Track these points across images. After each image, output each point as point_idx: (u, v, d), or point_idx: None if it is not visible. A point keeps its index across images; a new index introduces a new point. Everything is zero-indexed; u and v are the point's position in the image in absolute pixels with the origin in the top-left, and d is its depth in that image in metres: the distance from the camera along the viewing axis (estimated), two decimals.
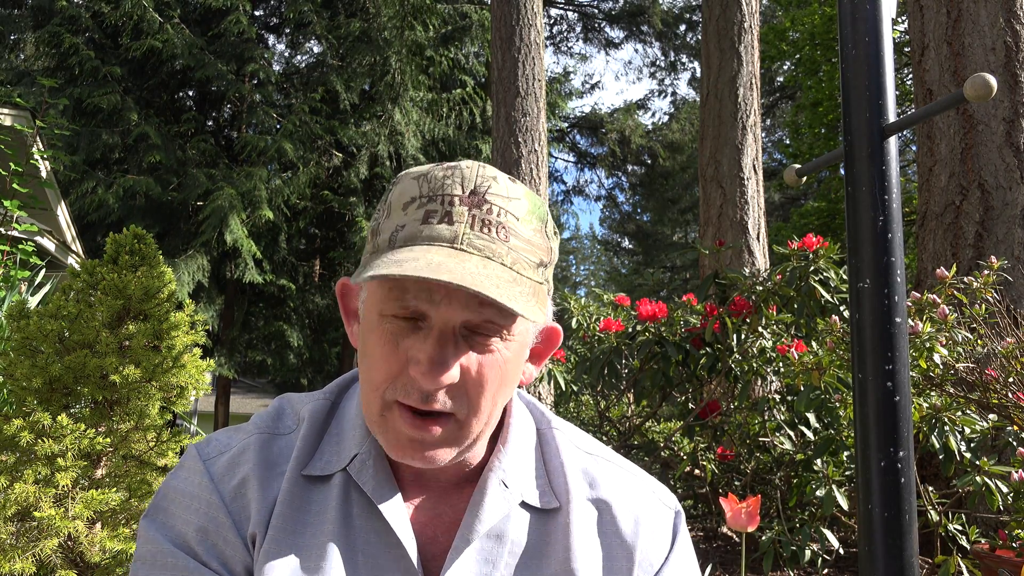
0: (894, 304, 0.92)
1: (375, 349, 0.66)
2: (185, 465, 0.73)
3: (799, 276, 3.33)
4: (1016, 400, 2.43)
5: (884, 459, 0.90)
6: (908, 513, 0.89)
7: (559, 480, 0.76)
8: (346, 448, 0.72)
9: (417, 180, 0.67)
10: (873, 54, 0.98)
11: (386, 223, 0.67)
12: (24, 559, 1.84)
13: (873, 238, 0.95)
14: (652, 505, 0.78)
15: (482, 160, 8.85)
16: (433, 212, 0.65)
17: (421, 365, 0.63)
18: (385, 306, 0.65)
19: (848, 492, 2.73)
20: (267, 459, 0.72)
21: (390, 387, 0.65)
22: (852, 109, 0.99)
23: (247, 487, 0.70)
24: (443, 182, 0.66)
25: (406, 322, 0.65)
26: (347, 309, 0.76)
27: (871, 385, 0.93)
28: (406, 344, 0.64)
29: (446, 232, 0.64)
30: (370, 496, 0.69)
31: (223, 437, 0.75)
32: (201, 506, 0.69)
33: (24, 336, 2.14)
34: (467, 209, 0.65)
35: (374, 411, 0.67)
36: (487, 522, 0.70)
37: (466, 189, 0.66)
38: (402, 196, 0.67)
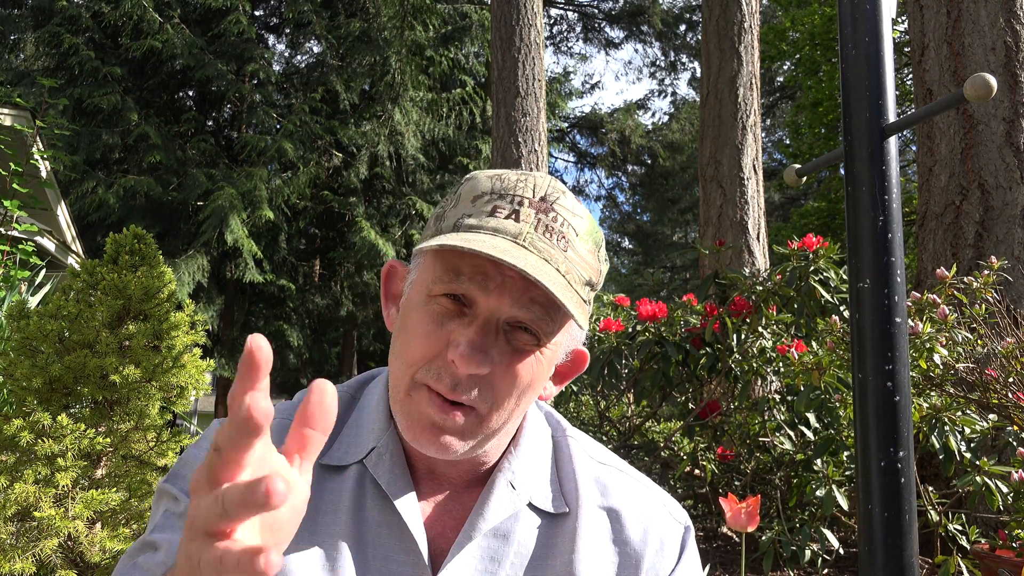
0: (894, 304, 0.92)
1: (417, 327, 0.66)
2: (207, 436, 0.73)
3: (799, 276, 3.33)
4: (1016, 400, 2.43)
5: (884, 459, 0.90)
6: (908, 513, 0.89)
7: (570, 487, 0.77)
8: (364, 441, 0.73)
9: (491, 179, 0.69)
10: (873, 54, 0.98)
11: (452, 211, 0.69)
12: (24, 559, 1.84)
13: (873, 238, 0.95)
14: (662, 517, 0.78)
15: (482, 160, 9.00)
16: (501, 208, 0.66)
17: (460, 348, 0.63)
18: (436, 285, 0.66)
19: (848, 492, 2.73)
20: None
21: (423, 367, 0.66)
22: (852, 109, 0.99)
23: None
24: (516, 184, 0.68)
25: (453, 306, 0.66)
26: (389, 292, 0.77)
27: (871, 385, 0.93)
28: (450, 327, 0.65)
29: (511, 227, 0.65)
30: (385, 489, 0.70)
31: None
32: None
33: (24, 336, 2.14)
34: (534, 212, 0.67)
35: (401, 389, 0.68)
36: (491, 520, 0.71)
37: (536, 194, 0.68)
38: (473, 190, 0.69)
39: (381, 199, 13.46)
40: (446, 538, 0.72)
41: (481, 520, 0.71)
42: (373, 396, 0.77)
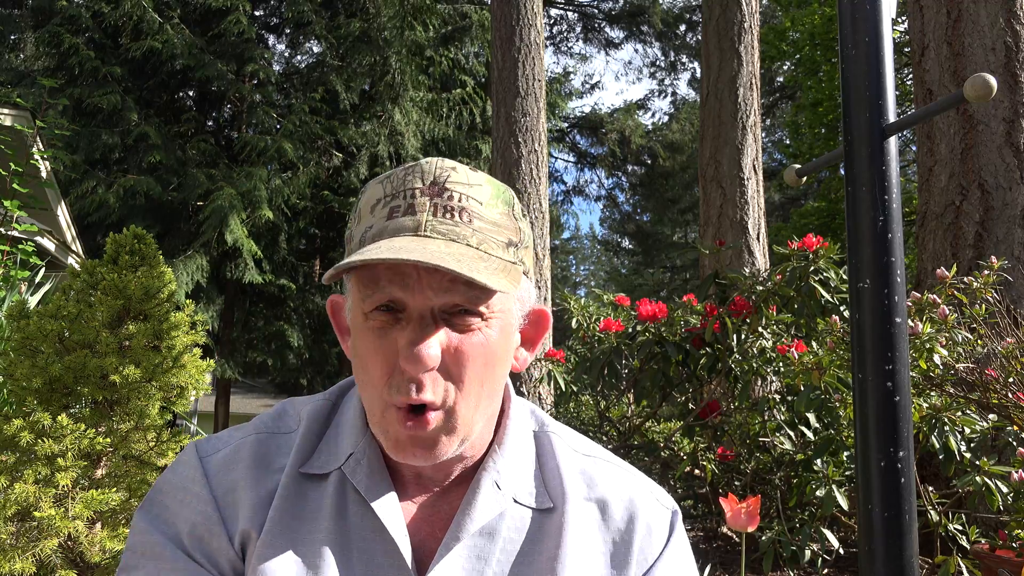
0: (894, 304, 0.92)
1: (366, 349, 0.67)
2: (182, 460, 0.74)
3: (799, 276, 3.33)
4: (1016, 400, 2.43)
5: (884, 459, 0.90)
6: (908, 513, 0.89)
7: (555, 482, 0.77)
8: (342, 447, 0.74)
9: (382, 183, 0.70)
10: (873, 54, 0.98)
11: (357, 228, 0.69)
12: (24, 559, 1.84)
13: (873, 238, 0.95)
14: (649, 503, 0.79)
15: (482, 160, 9.00)
16: (397, 207, 0.67)
17: (403, 350, 0.64)
18: (365, 303, 0.66)
19: (848, 492, 2.73)
20: (262, 457, 0.73)
21: (386, 386, 0.66)
22: (852, 109, 0.99)
23: (239, 485, 0.71)
24: (404, 179, 0.68)
25: (388, 316, 0.66)
26: (340, 326, 0.77)
27: (871, 385, 0.93)
28: (390, 339, 0.66)
29: (409, 222, 0.66)
30: (363, 494, 0.70)
31: (224, 435, 0.76)
32: (192, 501, 0.70)
33: (24, 336, 2.14)
34: (428, 199, 0.67)
35: (376, 412, 0.68)
36: (478, 520, 0.71)
37: (426, 181, 0.68)
38: (369, 200, 0.69)
39: None
40: (435, 539, 0.72)
41: (468, 521, 0.71)
42: (351, 404, 0.78)
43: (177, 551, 0.68)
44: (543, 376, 4.05)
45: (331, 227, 13.81)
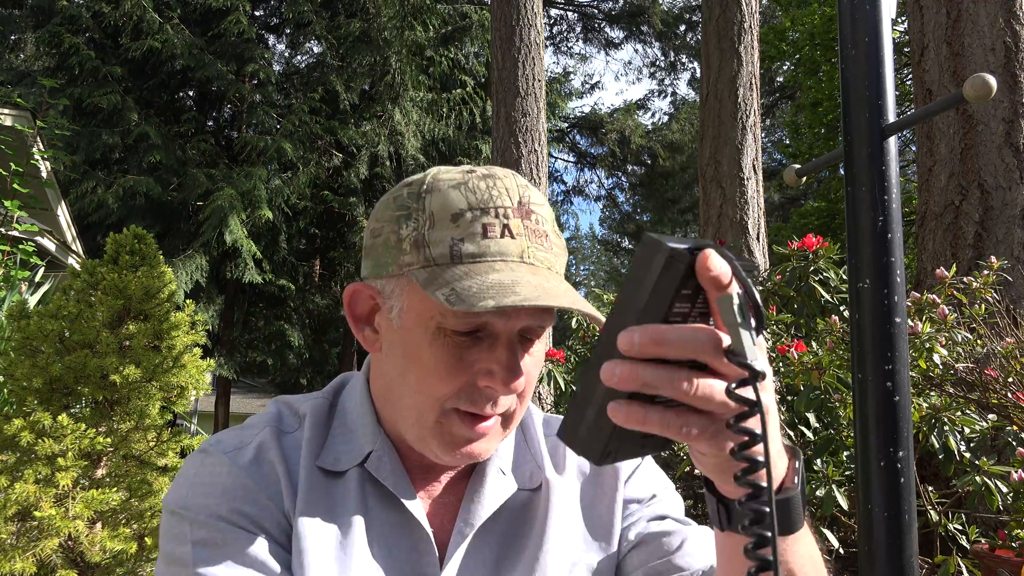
0: (894, 304, 0.92)
1: (436, 364, 0.66)
2: (209, 461, 0.72)
3: (799, 276, 3.32)
4: (1016, 400, 2.43)
5: (884, 459, 0.90)
6: (908, 513, 0.89)
7: (538, 452, 0.80)
8: (358, 445, 0.74)
9: (459, 190, 0.66)
10: (873, 54, 0.98)
11: (434, 234, 0.66)
12: (24, 559, 1.84)
13: (873, 238, 0.95)
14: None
15: (482, 160, 8.99)
16: (491, 225, 0.65)
17: (497, 376, 0.65)
18: (449, 321, 0.65)
19: (848, 492, 2.73)
20: (283, 451, 0.73)
21: (454, 395, 0.66)
22: (852, 109, 0.99)
23: (277, 474, 0.70)
24: (489, 193, 0.66)
25: (467, 335, 0.65)
26: (358, 316, 0.75)
27: (871, 385, 0.93)
28: (472, 358, 0.66)
29: (512, 247, 0.65)
30: (392, 490, 0.71)
31: (232, 435, 0.75)
32: (238, 491, 0.69)
33: (24, 336, 2.14)
34: (520, 221, 0.66)
35: (428, 419, 0.68)
36: (488, 507, 0.73)
37: (513, 199, 0.67)
38: (447, 206, 0.66)
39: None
40: (444, 529, 0.74)
41: (479, 508, 0.73)
42: (353, 401, 0.78)
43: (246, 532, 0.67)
44: (543, 376, 4.06)
45: (331, 227, 13.81)
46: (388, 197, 0.72)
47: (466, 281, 0.62)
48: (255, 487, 0.69)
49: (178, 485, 0.71)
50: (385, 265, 0.68)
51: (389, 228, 0.69)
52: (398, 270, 0.67)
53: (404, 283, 0.68)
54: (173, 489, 0.71)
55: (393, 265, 0.68)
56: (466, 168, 0.70)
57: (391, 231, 0.68)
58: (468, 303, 0.59)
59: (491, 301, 0.59)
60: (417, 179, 0.70)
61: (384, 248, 0.69)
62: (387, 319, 0.70)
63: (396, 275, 0.68)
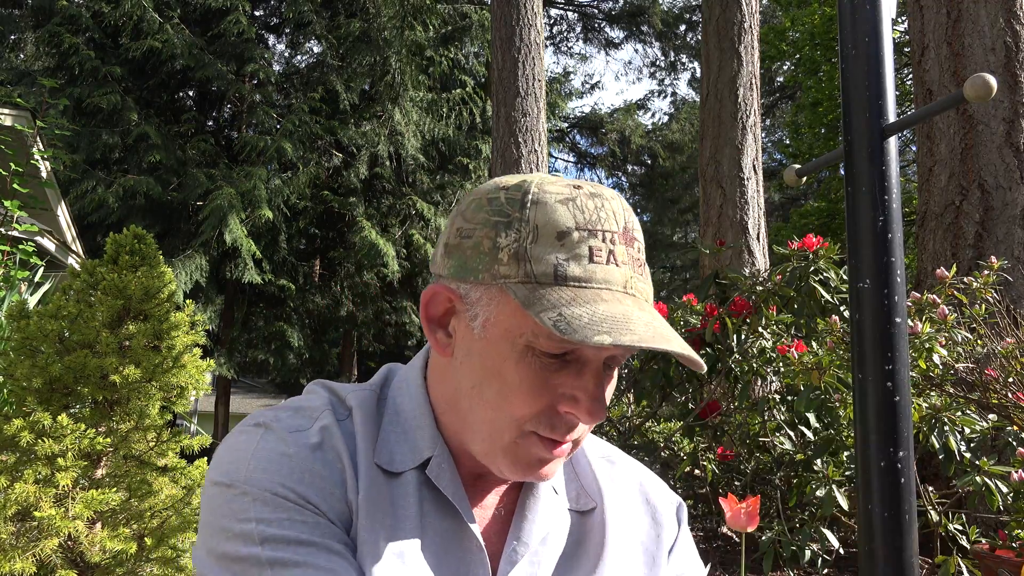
0: (894, 304, 0.92)
1: (519, 383, 0.64)
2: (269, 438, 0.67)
3: (799, 276, 3.33)
4: (1016, 400, 2.43)
5: (884, 459, 0.90)
6: (908, 513, 0.89)
7: (589, 480, 0.79)
8: (416, 448, 0.71)
9: (567, 207, 0.64)
10: (873, 54, 0.98)
11: (538, 250, 0.63)
12: (24, 559, 1.84)
13: (873, 238, 0.95)
14: (667, 494, 0.83)
15: (482, 160, 8.97)
16: (598, 250, 0.63)
17: (581, 404, 0.63)
18: (541, 342, 0.62)
19: (848, 492, 2.73)
20: (346, 438, 0.70)
21: (532, 420, 0.65)
22: (852, 109, 0.99)
23: (343, 461, 0.68)
24: (597, 214, 0.64)
25: (555, 359, 0.64)
26: (434, 319, 0.71)
27: (871, 385, 0.93)
28: (556, 381, 0.64)
29: (617, 275, 0.63)
30: (451, 499, 0.69)
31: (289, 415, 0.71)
32: (305, 475, 0.65)
33: (24, 336, 2.14)
34: (625, 248, 0.64)
35: (504, 439, 0.66)
36: (541, 525, 0.72)
37: (619, 223, 0.65)
38: (553, 222, 0.63)
39: (381, 199, 13.46)
40: (491, 541, 0.72)
41: (531, 525, 0.71)
42: (406, 398, 0.74)
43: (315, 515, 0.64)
44: None
45: (331, 227, 13.81)
46: (480, 197, 0.68)
47: (575, 308, 0.59)
48: (322, 473, 0.66)
49: (233, 458, 0.66)
50: (474, 270, 0.65)
51: (483, 232, 0.65)
52: (491, 279, 0.64)
53: (495, 294, 0.64)
54: (226, 462, 0.67)
55: (485, 273, 0.64)
56: (572, 182, 0.67)
57: (485, 236, 0.65)
58: (581, 334, 0.57)
59: (607, 337, 0.57)
60: (516, 184, 0.67)
61: (475, 252, 0.65)
62: (467, 326, 0.67)
63: (487, 284, 0.64)
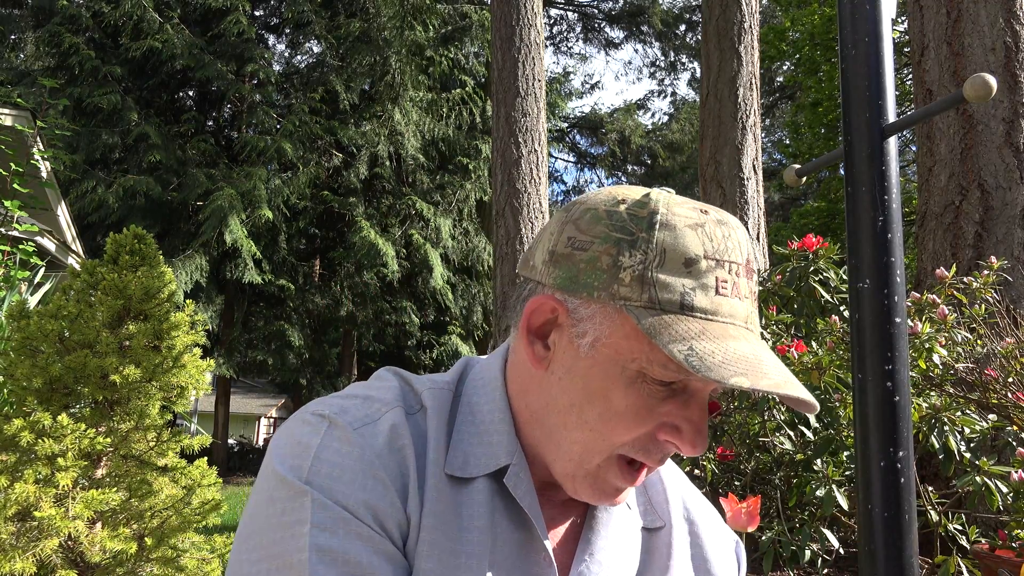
0: (894, 304, 0.92)
1: (626, 409, 0.62)
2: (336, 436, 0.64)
3: (799, 276, 3.33)
4: (1016, 400, 2.43)
5: (884, 459, 0.90)
6: (908, 513, 0.89)
7: (660, 499, 0.77)
8: (493, 454, 0.68)
9: (696, 232, 0.62)
10: (873, 54, 0.98)
11: (664, 275, 0.60)
12: (24, 559, 1.84)
13: (873, 238, 0.95)
14: (728, 533, 0.81)
15: (482, 160, 8.96)
16: (724, 282, 0.61)
17: (685, 434, 0.62)
18: (656, 370, 0.61)
19: (848, 492, 2.73)
20: (411, 438, 0.66)
21: (630, 444, 0.63)
22: (852, 109, 0.99)
23: (408, 466, 0.64)
24: (725, 243, 0.62)
25: (663, 386, 0.62)
26: (536, 331, 0.67)
27: (871, 385, 0.93)
28: (662, 410, 0.62)
29: (740, 309, 0.62)
30: (527, 511, 0.66)
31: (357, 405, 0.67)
32: (367, 481, 0.62)
33: (24, 336, 2.14)
34: (746, 281, 0.63)
35: (593, 461, 0.64)
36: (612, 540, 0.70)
37: (742, 256, 0.63)
38: (682, 248, 0.61)
39: (381, 199, 13.46)
40: (558, 554, 0.69)
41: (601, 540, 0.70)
42: (484, 399, 0.71)
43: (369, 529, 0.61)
44: None
45: (331, 227, 13.82)
46: (596, 208, 0.65)
47: (705, 343, 0.58)
48: (386, 479, 0.63)
49: (296, 453, 0.63)
50: (588, 286, 0.62)
51: (602, 247, 0.62)
52: (608, 298, 0.61)
53: (611, 314, 0.61)
54: (288, 455, 0.63)
55: (601, 291, 0.61)
56: (699, 206, 0.65)
57: (605, 252, 0.62)
58: (717, 373, 0.55)
59: (744, 380, 0.55)
60: (639, 199, 0.64)
61: (590, 267, 0.62)
62: (571, 342, 0.64)
63: (602, 302, 0.62)
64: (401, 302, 13.48)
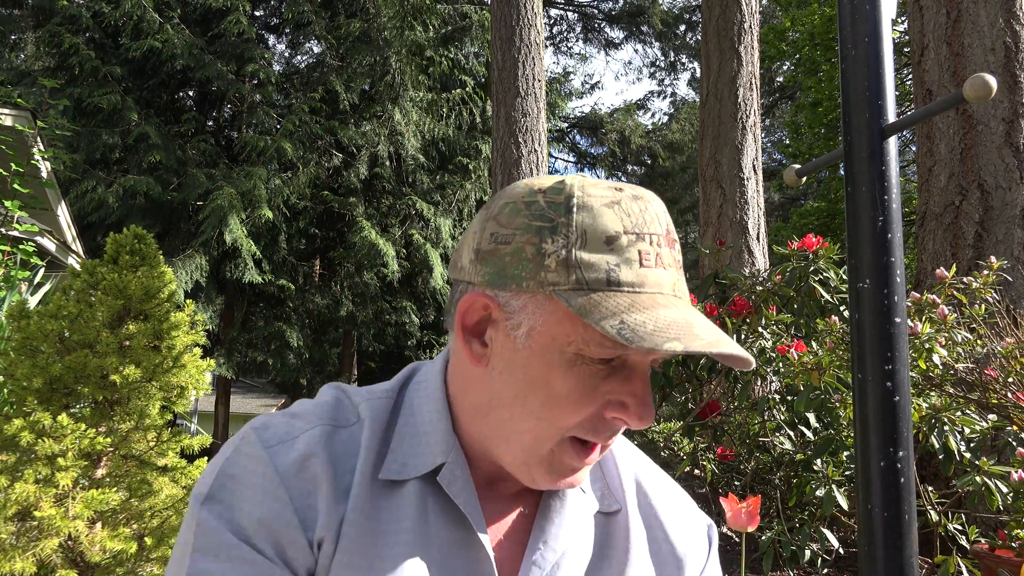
0: (894, 304, 0.92)
1: (568, 392, 0.62)
2: (244, 452, 0.65)
3: (799, 276, 3.33)
4: (1016, 400, 2.43)
5: (884, 459, 0.90)
6: (908, 513, 0.89)
7: (615, 482, 0.76)
8: (428, 454, 0.68)
9: (613, 209, 0.62)
10: (873, 54, 0.98)
11: (587, 255, 0.61)
12: (24, 559, 1.84)
13: (873, 238, 0.95)
14: (695, 514, 0.80)
15: (482, 160, 8.98)
16: (647, 254, 0.61)
17: (631, 409, 0.62)
18: (592, 349, 0.61)
19: (848, 492, 2.73)
20: (334, 455, 0.66)
21: (578, 425, 0.63)
22: (852, 109, 0.99)
23: (317, 487, 0.64)
24: (642, 217, 0.63)
25: (603, 364, 0.62)
26: (471, 328, 0.67)
27: (871, 385, 0.93)
28: (605, 388, 0.63)
29: (666, 278, 0.62)
30: (463, 509, 0.66)
31: (280, 423, 0.68)
32: (267, 500, 0.63)
33: (24, 336, 2.14)
34: (669, 251, 0.63)
35: (544, 447, 0.64)
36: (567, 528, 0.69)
37: (662, 226, 0.64)
38: (601, 226, 0.61)
39: (381, 199, 13.46)
40: (501, 546, 0.69)
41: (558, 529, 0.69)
42: (423, 400, 0.72)
43: (252, 551, 0.61)
44: None
45: (331, 227, 13.82)
46: (515, 201, 0.65)
47: (636, 315, 0.58)
48: (287, 499, 0.63)
49: (209, 470, 0.65)
50: (516, 278, 0.62)
51: (524, 238, 0.63)
52: (536, 287, 0.61)
53: (542, 301, 0.62)
54: (205, 472, 0.66)
55: (529, 280, 0.62)
56: (612, 184, 0.65)
57: (527, 242, 0.62)
58: (651, 342, 0.56)
59: (678, 344, 0.56)
60: (554, 187, 0.64)
61: (515, 259, 0.63)
62: (507, 336, 0.64)
63: (531, 291, 0.62)
64: (401, 302, 13.48)
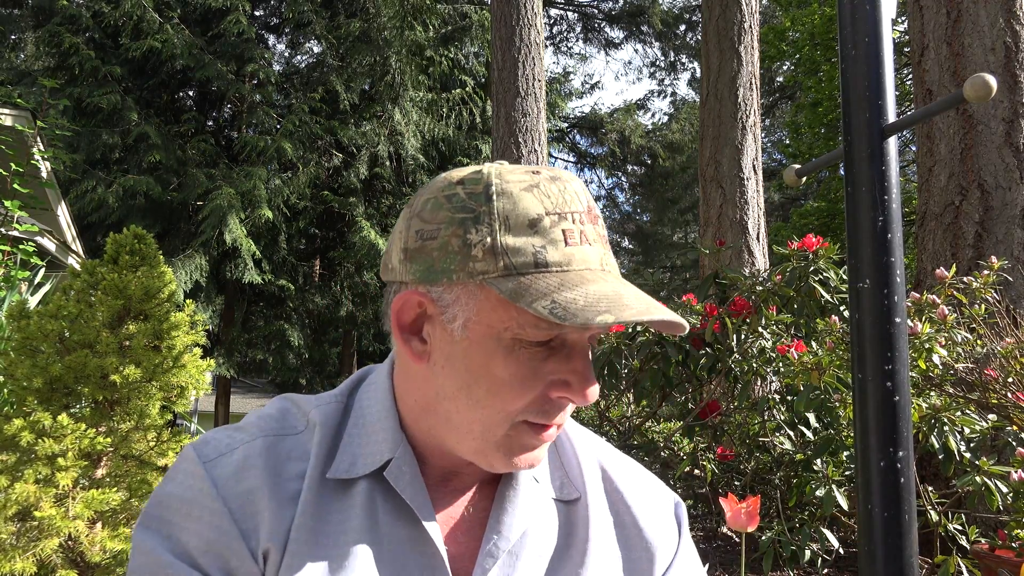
0: (894, 304, 0.92)
1: (510, 377, 0.63)
2: (182, 469, 0.66)
3: (799, 276, 3.33)
4: (1015, 400, 2.43)
5: (884, 459, 0.90)
6: (908, 513, 0.89)
7: (575, 471, 0.76)
8: (375, 451, 0.68)
9: (532, 193, 0.63)
10: (873, 54, 0.98)
11: (511, 240, 0.61)
12: (25, 559, 1.84)
13: (873, 238, 0.95)
14: (662, 495, 0.79)
15: (482, 160, 9.04)
16: (571, 232, 0.63)
17: (574, 386, 0.63)
18: (528, 332, 0.61)
19: (848, 492, 2.73)
20: (275, 465, 0.66)
21: (526, 408, 0.64)
22: (852, 109, 0.99)
23: (256, 497, 0.64)
24: (562, 197, 0.64)
25: (541, 346, 0.63)
26: (406, 326, 0.68)
27: (871, 385, 0.93)
28: (546, 369, 0.63)
29: (592, 254, 0.63)
30: (410, 503, 0.66)
31: (222, 436, 0.69)
32: (204, 514, 0.63)
33: (24, 336, 2.14)
34: (592, 227, 0.65)
35: (497, 433, 0.64)
36: (521, 518, 0.69)
37: (582, 204, 0.65)
38: (522, 210, 0.62)
39: (381, 199, 13.47)
40: (458, 542, 0.69)
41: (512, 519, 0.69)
42: (372, 401, 0.72)
43: (190, 570, 0.61)
44: None
45: (331, 227, 13.82)
46: (437, 196, 0.65)
47: (566, 293, 0.59)
48: (223, 511, 0.63)
49: (154, 494, 0.66)
50: (446, 271, 0.63)
51: (449, 231, 0.63)
52: (466, 277, 0.62)
53: (474, 291, 0.62)
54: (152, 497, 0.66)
55: (459, 272, 0.62)
56: (528, 168, 0.66)
57: (453, 234, 0.63)
58: (582, 317, 0.56)
59: (609, 316, 0.57)
60: (472, 177, 0.65)
61: (443, 253, 0.63)
62: (444, 329, 0.64)
63: (462, 283, 0.63)
64: None
